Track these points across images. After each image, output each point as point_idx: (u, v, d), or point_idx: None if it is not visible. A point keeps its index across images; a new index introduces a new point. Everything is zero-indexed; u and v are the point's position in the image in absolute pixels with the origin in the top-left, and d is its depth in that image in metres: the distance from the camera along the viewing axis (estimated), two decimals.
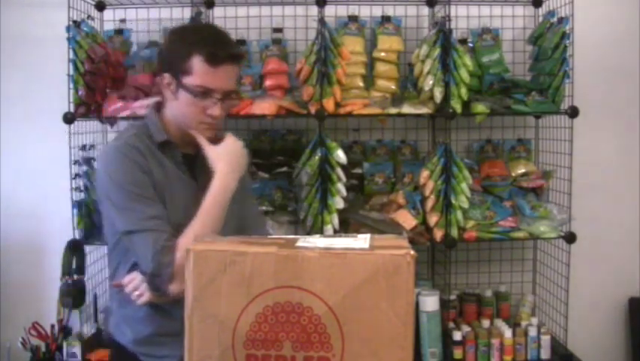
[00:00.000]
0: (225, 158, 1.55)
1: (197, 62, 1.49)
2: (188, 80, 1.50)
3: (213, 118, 1.53)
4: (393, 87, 2.60)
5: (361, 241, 1.11)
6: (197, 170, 1.60)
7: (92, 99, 2.46)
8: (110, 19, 2.73)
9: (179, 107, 1.54)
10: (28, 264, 2.82)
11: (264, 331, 1.03)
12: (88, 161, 2.55)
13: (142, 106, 2.44)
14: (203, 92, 1.50)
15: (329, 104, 2.41)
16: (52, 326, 2.50)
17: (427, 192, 2.48)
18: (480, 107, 2.49)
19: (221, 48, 1.50)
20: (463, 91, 2.45)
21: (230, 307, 1.03)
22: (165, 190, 1.54)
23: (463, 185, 2.45)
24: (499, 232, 2.54)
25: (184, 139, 1.59)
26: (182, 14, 2.65)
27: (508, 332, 2.53)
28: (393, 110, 2.52)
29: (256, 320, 1.03)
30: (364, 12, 2.69)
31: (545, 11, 2.69)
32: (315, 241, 1.10)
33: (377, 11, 2.70)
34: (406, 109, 2.52)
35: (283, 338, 1.02)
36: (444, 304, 2.52)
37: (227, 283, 1.03)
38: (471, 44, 2.71)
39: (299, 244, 1.08)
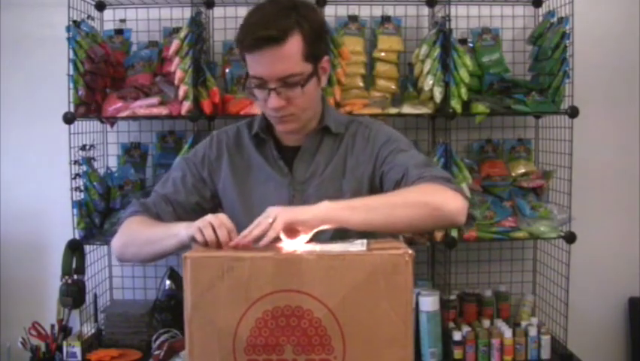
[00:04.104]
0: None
1: (242, 50, 1.36)
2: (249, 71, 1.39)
3: (274, 110, 1.37)
4: (393, 87, 2.60)
5: (358, 244, 1.11)
6: (296, 163, 1.48)
7: (92, 99, 2.46)
8: (110, 19, 2.72)
9: None
10: (28, 264, 2.82)
11: (264, 336, 1.03)
12: (88, 161, 2.55)
13: (142, 106, 2.44)
14: (257, 84, 1.36)
15: None
16: (52, 326, 2.50)
17: None
18: (480, 107, 2.48)
19: (252, 32, 1.31)
20: (463, 91, 2.45)
21: (230, 313, 1.03)
22: (243, 184, 1.48)
23: (463, 185, 2.44)
24: (499, 231, 2.54)
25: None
26: (182, 14, 2.65)
27: (508, 332, 2.53)
28: (393, 110, 2.51)
29: (256, 325, 1.03)
30: (364, 12, 2.69)
31: (545, 11, 2.69)
32: (313, 248, 1.10)
33: (377, 11, 2.69)
34: (406, 109, 2.51)
35: (284, 342, 1.02)
36: (444, 304, 2.52)
37: (225, 290, 1.03)
38: (471, 44, 2.70)
39: None
